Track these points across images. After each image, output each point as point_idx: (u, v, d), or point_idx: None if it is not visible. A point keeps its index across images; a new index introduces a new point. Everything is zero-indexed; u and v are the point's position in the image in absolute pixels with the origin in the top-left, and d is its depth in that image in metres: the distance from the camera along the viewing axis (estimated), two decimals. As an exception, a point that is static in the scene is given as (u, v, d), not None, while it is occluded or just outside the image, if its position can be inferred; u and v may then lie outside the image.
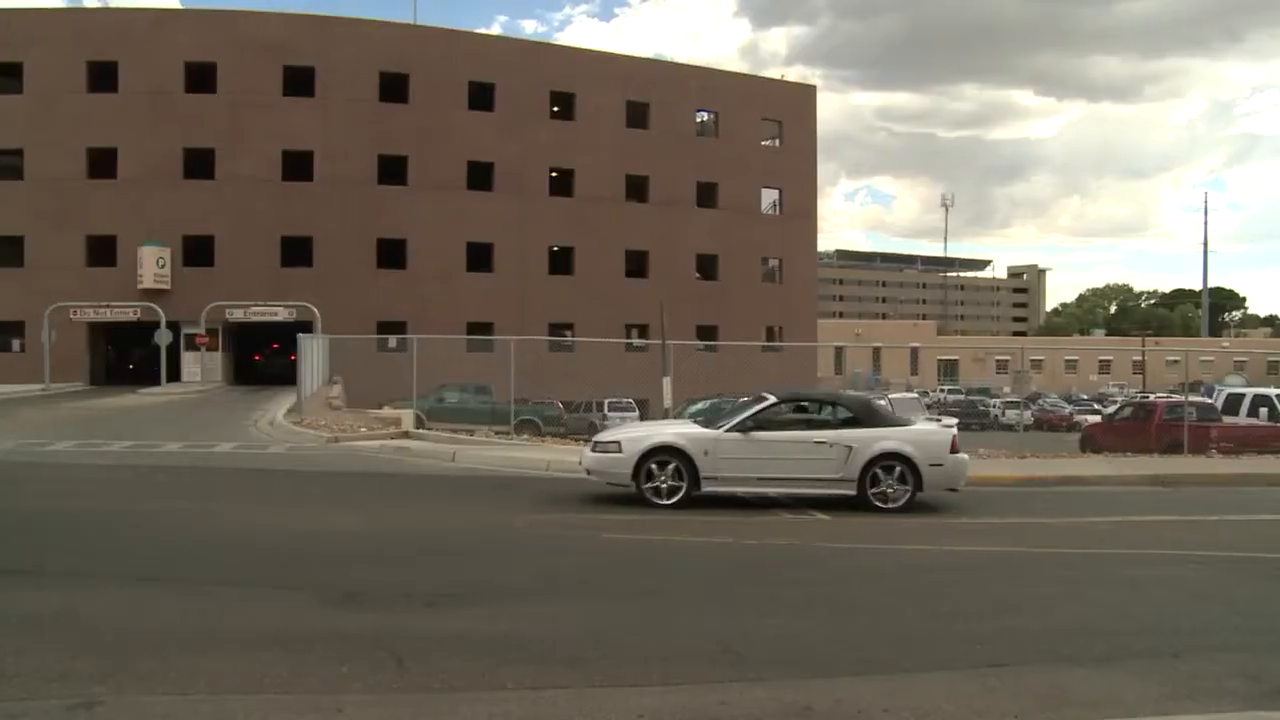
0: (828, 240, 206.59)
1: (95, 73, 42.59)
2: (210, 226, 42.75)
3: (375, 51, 44.82)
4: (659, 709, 4.87)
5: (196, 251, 42.80)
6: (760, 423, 12.45)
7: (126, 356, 45.66)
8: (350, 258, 43.80)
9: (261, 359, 45.73)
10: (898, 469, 12.03)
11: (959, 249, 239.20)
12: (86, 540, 9.49)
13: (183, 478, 14.76)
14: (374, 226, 44.37)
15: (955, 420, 13.73)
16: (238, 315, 41.63)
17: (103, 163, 42.42)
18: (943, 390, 53.91)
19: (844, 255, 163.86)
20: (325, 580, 7.93)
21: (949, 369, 77.00)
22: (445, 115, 45.36)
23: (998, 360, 72.22)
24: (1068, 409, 50.67)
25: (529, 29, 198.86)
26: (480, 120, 46.20)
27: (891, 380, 48.99)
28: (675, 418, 18.61)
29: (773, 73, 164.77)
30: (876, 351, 55.71)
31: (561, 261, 48.72)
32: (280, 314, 41.31)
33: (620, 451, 12.29)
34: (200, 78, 42.95)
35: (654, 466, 12.09)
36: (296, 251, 43.58)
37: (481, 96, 46.48)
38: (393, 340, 34.46)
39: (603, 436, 13.25)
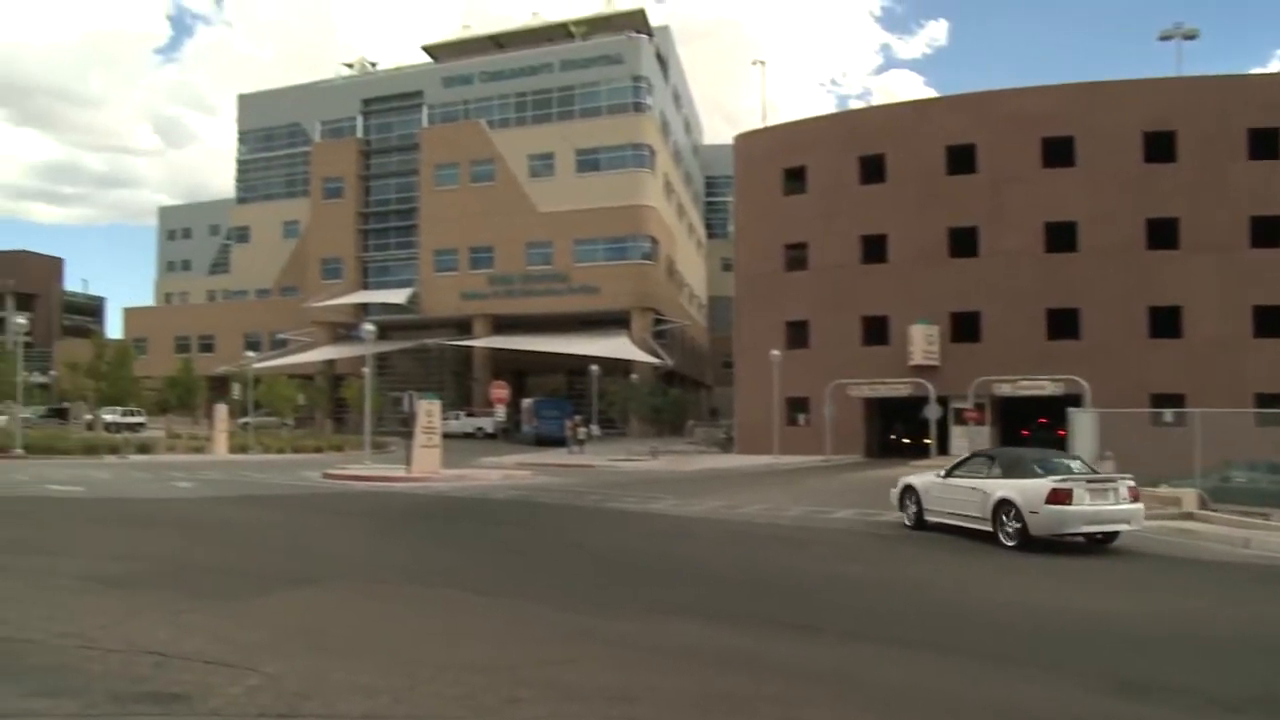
0: None
1: (866, 167, 48.75)
2: (975, 303, 46.20)
3: (1137, 112, 45.51)
4: None
5: (963, 327, 46.50)
6: (956, 471, 17.60)
7: (897, 430, 50.51)
8: (1119, 328, 44.43)
9: (1029, 433, 47.73)
10: (1012, 512, 15.67)
11: None
12: (860, 603, 10.91)
13: (946, 550, 16.06)
14: (1144, 294, 44.58)
15: (1089, 474, 16.52)
16: (1004, 389, 44.32)
17: (874, 249, 48.31)
18: None
19: None
20: (1092, 664, 8.11)
21: None
22: (1220, 169, 44.43)
23: None
24: None
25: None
26: (1262, 170, 44.39)
27: None
28: None
29: None
30: None
31: (1376, 323, 44.51)
32: (1047, 388, 43.24)
33: (896, 488, 18.86)
34: (961, 160, 47.12)
35: (905, 501, 18.46)
36: (1062, 323, 45.35)
37: (1263, 143, 44.69)
38: (1168, 414, 34.19)
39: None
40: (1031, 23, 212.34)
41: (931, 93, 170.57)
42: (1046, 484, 15.43)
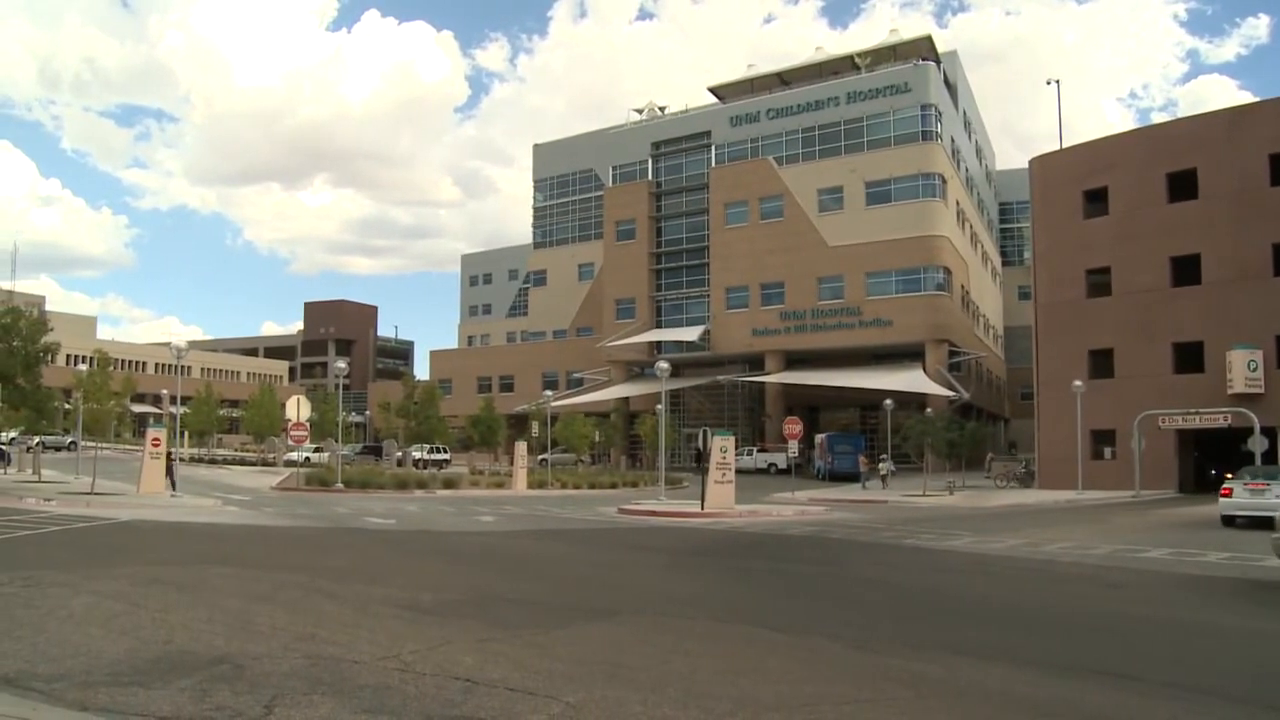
0: None
1: (1174, 183, 47.62)
2: (1306, 324, 43.96)
3: None
4: None
5: (1292, 351, 44.28)
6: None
7: (1215, 464, 48.66)
8: None
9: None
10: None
11: None
12: (1182, 651, 10.57)
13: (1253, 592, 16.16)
14: None
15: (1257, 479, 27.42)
16: (1350, 419, 41.98)
17: (1185, 270, 47.02)
18: None
19: None
20: None
21: None
22: None
23: None
24: None
25: None
26: None
27: None
28: None
29: None
30: None
31: None
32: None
33: None
34: (1285, 169, 44.95)
35: None
36: None
37: None
38: None
39: None
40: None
41: (1248, 97, 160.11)
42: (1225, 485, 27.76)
